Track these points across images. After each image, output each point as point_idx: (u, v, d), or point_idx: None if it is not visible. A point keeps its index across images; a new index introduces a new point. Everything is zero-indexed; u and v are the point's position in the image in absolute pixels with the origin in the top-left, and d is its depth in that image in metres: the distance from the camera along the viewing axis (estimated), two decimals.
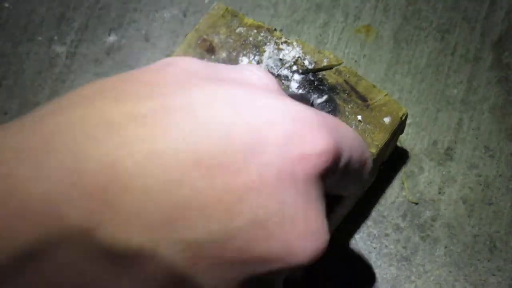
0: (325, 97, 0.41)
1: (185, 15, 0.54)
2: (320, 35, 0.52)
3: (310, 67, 0.42)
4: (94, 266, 0.19)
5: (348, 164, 0.25)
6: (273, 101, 0.23)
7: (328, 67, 0.42)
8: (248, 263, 0.21)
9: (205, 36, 0.43)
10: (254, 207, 0.20)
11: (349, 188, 0.29)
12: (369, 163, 0.29)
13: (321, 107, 0.41)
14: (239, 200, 0.20)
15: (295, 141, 0.22)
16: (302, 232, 0.22)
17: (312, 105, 0.38)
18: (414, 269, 0.45)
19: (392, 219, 0.46)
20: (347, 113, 0.40)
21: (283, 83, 0.41)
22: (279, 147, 0.22)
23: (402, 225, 0.46)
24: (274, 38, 0.43)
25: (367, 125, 0.40)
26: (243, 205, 0.20)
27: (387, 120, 0.40)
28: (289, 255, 0.21)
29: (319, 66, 0.42)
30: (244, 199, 0.20)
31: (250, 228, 0.20)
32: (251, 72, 0.27)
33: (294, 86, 0.41)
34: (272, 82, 0.27)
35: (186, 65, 0.25)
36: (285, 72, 0.42)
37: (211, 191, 0.20)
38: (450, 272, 0.44)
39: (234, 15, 0.43)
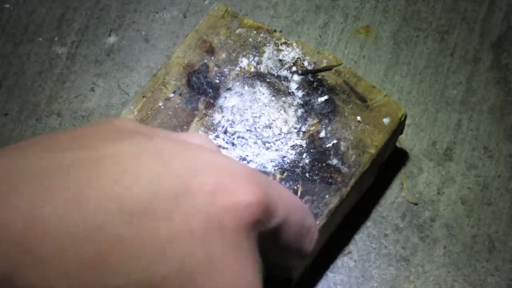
0: (324, 97, 0.41)
1: (185, 16, 0.54)
2: (320, 36, 0.52)
3: (309, 68, 0.42)
4: None
5: (283, 225, 0.25)
6: (205, 154, 0.24)
7: (328, 68, 0.42)
8: None
9: (205, 37, 0.43)
10: (180, 256, 0.20)
11: (288, 258, 0.29)
12: (313, 233, 0.28)
13: (321, 108, 0.41)
14: (164, 248, 0.20)
15: (224, 191, 0.22)
16: (230, 285, 0.21)
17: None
18: (413, 270, 0.45)
19: (391, 219, 0.46)
20: (346, 114, 0.40)
21: (282, 83, 0.41)
22: (207, 196, 0.22)
23: (401, 225, 0.46)
24: (274, 39, 0.43)
25: (367, 126, 0.40)
26: (168, 253, 0.20)
27: (386, 120, 0.40)
28: None
29: (318, 67, 0.42)
30: (170, 247, 0.20)
31: (176, 278, 0.20)
32: (188, 135, 0.27)
33: (293, 87, 0.41)
34: (209, 144, 0.27)
35: (121, 123, 0.25)
36: (284, 73, 0.42)
37: (134, 238, 0.20)
38: (449, 272, 0.45)
39: (234, 16, 0.44)
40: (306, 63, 0.42)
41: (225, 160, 0.24)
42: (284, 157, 0.39)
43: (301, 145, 0.40)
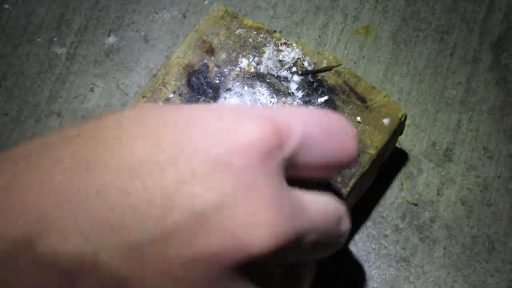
0: (324, 98, 0.41)
1: (184, 16, 0.54)
2: (320, 37, 0.52)
3: (309, 68, 0.42)
4: (43, 279, 0.19)
5: (308, 140, 0.24)
6: (205, 106, 0.24)
7: (328, 68, 0.42)
8: (195, 259, 0.20)
9: (204, 37, 0.43)
10: (188, 199, 0.20)
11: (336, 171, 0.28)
12: (348, 130, 0.26)
13: (321, 108, 0.41)
14: (172, 194, 0.20)
15: (227, 132, 0.22)
16: (245, 222, 0.21)
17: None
18: (413, 270, 0.45)
19: (391, 220, 0.46)
20: (346, 114, 0.40)
21: (282, 84, 0.41)
22: (210, 139, 0.22)
23: (401, 226, 0.46)
24: (274, 39, 0.43)
25: (367, 126, 0.40)
26: (176, 199, 0.20)
27: (386, 121, 0.40)
28: (236, 246, 0.21)
29: (318, 67, 0.42)
30: (177, 192, 0.20)
31: (188, 221, 0.20)
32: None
33: (293, 87, 0.41)
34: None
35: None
36: (284, 73, 0.42)
37: (141, 190, 0.20)
38: (449, 273, 0.44)
39: (234, 16, 0.43)
40: (306, 64, 0.42)
41: (229, 107, 0.24)
42: None
43: None
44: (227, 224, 0.20)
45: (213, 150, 0.21)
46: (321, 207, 0.25)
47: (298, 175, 0.25)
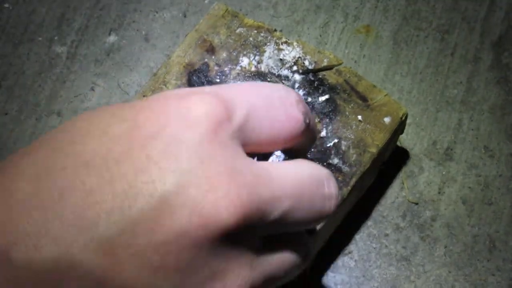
0: (325, 97, 0.41)
1: (185, 16, 0.54)
2: (320, 35, 0.52)
3: (310, 67, 0.42)
4: None
5: (253, 112, 0.24)
6: (162, 93, 0.24)
7: (328, 67, 0.42)
8: (166, 242, 0.20)
9: (205, 36, 0.43)
10: (148, 185, 0.20)
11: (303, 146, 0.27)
12: (298, 106, 0.26)
13: (322, 107, 0.41)
14: (132, 184, 0.20)
15: (179, 111, 0.22)
16: (206, 196, 0.21)
17: None
18: (413, 269, 0.45)
19: (392, 219, 0.46)
20: (347, 113, 0.40)
21: (283, 83, 0.41)
22: (156, 123, 0.22)
23: (402, 225, 0.46)
24: (274, 38, 0.43)
25: (367, 125, 0.40)
26: (137, 188, 0.20)
27: (387, 120, 0.40)
28: (201, 222, 0.21)
29: (319, 66, 0.42)
30: (136, 181, 0.20)
31: (152, 206, 0.20)
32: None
33: (294, 86, 0.41)
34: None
35: None
36: (285, 72, 0.42)
37: (102, 186, 0.20)
38: (449, 272, 0.44)
39: (234, 15, 0.43)
40: (306, 63, 0.42)
41: (173, 91, 0.24)
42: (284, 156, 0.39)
43: None
44: (189, 201, 0.21)
45: (164, 132, 0.22)
46: (292, 172, 0.25)
47: (256, 149, 0.25)
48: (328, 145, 0.39)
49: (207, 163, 0.21)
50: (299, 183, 0.24)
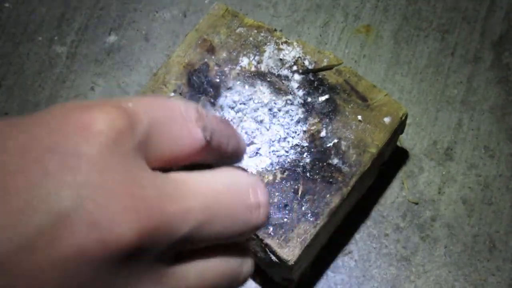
0: (325, 97, 0.41)
1: (185, 15, 0.54)
2: (320, 35, 0.52)
3: (310, 67, 0.42)
4: None
5: (155, 126, 0.23)
6: (62, 109, 0.23)
7: (328, 67, 0.42)
8: (63, 259, 0.20)
9: (205, 36, 0.43)
10: (45, 201, 0.20)
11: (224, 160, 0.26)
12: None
13: (321, 107, 0.41)
14: (28, 200, 0.20)
15: (79, 123, 0.21)
16: (104, 212, 0.20)
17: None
18: (413, 269, 0.45)
19: (392, 219, 0.46)
20: (347, 113, 0.40)
21: (283, 83, 0.41)
22: (60, 134, 0.21)
23: (402, 225, 0.46)
24: (274, 38, 0.43)
25: (367, 125, 0.40)
26: (34, 203, 0.20)
27: (387, 120, 0.40)
28: (99, 239, 0.20)
29: (319, 66, 0.42)
30: (32, 196, 0.20)
31: (49, 222, 0.20)
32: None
33: (294, 86, 0.41)
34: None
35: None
36: (285, 72, 0.42)
37: None
38: (449, 272, 0.44)
39: (234, 15, 0.43)
40: (306, 62, 0.42)
41: (75, 102, 0.23)
42: (285, 156, 0.39)
43: (301, 144, 0.39)
44: (87, 217, 0.20)
45: (63, 145, 0.21)
46: (208, 182, 0.24)
47: (159, 164, 0.24)
48: (328, 145, 0.39)
49: (105, 175, 0.21)
50: (214, 194, 0.23)
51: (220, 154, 0.27)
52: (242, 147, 0.29)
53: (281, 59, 0.42)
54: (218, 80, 0.41)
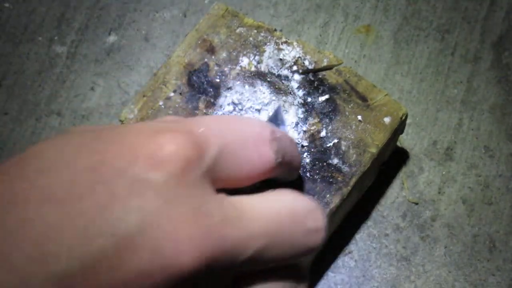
0: (325, 97, 0.41)
1: (185, 15, 0.54)
2: (320, 35, 0.52)
3: (310, 67, 0.42)
4: None
5: (226, 148, 0.23)
6: (120, 128, 0.24)
7: (328, 67, 0.42)
8: (126, 282, 0.20)
9: (205, 36, 0.43)
10: (110, 224, 0.20)
11: (286, 175, 0.27)
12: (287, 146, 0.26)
13: (321, 107, 0.41)
14: (94, 222, 0.20)
15: (143, 148, 0.22)
16: (169, 238, 0.21)
17: (281, 120, 0.36)
18: (413, 269, 0.45)
19: (392, 219, 0.46)
20: (347, 113, 0.40)
21: (283, 83, 0.41)
22: (126, 159, 0.21)
23: (402, 225, 0.46)
24: (274, 38, 0.43)
25: (367, 125, 0.40)
26: (99, 226, 0.20)
27: (387, 120, 0.40)
28: (163, 264, 0.20)
29: (319, 66, 0.42)
30: (98, 219, 0.20)
31: (113, 245, 0.20)
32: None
33: (294, 86, 0.41)
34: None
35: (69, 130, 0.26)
36: (285, 72, 0.42)
37: (64, 221, 0.20)
38: (449, 272, 0.44)
39: (234, 15, 0.43)
40: (306, 62, 0.42)
41: (145, 124, 0.24)
42: None
43: (301, 144, 0.39)
44: (151, 243, 0.20)
45: (131, 170, 0.21)
46: (270, 207, 0.24)
47: (227, 185, 0.24)
48: (328, 145, 0.39)
49: (172, 204, 0.21)
50: (276, 219, 0.24)
51: (290, 169, 0.27)
52: (300, 166, 0.29)
53: (281, 59, 0.42)
54: (218, 80, 0.41)
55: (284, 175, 0.27)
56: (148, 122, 0.25)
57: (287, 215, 0.24)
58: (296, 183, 0.33)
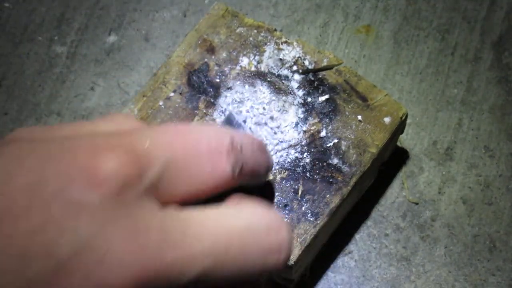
0: (325, 97, 0.41)
1: (185, 15, 0.54)
2: (320, 35, 0.52)
3: (310, 67, 0.42)
4: None
5: (171, 163, 0.22)
6: (69, 142, 0.23)
7: (328, 67, 0.42)
8: None
9: (205, 36, 0.43)
10: (44, 248, 0.20)
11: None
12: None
13: (321, 107, 0.41)
14: (28, 246, 0.20)
15: (79, 169, 0.21)
16: (104, 261, 0.20)
17: (237, 124, 0.32)
18: (414, 269, 0.45)
19: (392, 219, 0.46)
20: (347, 113, 0.40)
21: (283, 83, 0.41)
22: (61, 180, 0.21)
23: (402, 225, 0.46)
24: (274, 38, 0.43)
25: (367, 125, 0.40)
26: (33, 250, 0.20)
27: (387, 120, 0.40)
28: (97, 285, 0.20)
29: (319, 66, 0.42)
30: (32, 243, 0.20)
31: (47, 270, 0.20)
32: (103, 119, 0.26)
33: (294, 86, 0.41)
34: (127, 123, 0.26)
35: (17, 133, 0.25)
36: (285, 72, 0.42)
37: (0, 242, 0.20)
38: (450, 272, 0.44)
39: (234, 15, 0.43)
40: (306, 62, 0.42)
41: (87, 138, 0.23)
42: (284, 156, 0.39)
43: (301, 144, 0.39)
44: (84, 266, 0.20)
45: (67, 191, 0.21)
46: (222, 222, 0.23)
47: (175, 200, 0.23)
48: (328, 145, 0.39)
49: (107, 225, 0.20)
50: (227, 236, 0.22)
51: (250, 180, 0.26)
52: (270, 170, 0.28)
53: (281, 59, 0.42)
54: (218, 80, 0.41)
55: (248, 183, 0.26)
56: (90, 134, 0.24)
57: (241, 232, 0.23)
58: (266, 189, 0.32)
